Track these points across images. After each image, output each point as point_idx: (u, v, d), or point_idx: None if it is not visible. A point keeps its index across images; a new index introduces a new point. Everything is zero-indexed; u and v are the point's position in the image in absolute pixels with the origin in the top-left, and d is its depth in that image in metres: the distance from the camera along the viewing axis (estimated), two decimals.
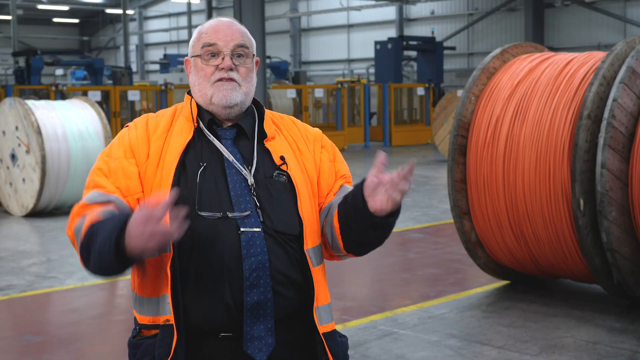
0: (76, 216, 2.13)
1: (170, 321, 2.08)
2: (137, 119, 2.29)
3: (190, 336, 2.12)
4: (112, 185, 2.15)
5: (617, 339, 5.06)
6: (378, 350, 4.94)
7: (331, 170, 2.32)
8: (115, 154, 2.20)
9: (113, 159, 2.19)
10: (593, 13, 28.24)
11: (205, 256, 2.10)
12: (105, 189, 2.15)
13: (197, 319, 2.11)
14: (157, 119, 2.27)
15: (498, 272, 6.39)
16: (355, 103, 23.60)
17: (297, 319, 2.19)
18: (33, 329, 5.65)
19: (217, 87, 2.19)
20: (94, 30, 49.14)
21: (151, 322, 2.15)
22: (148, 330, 2.17)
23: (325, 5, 36.58)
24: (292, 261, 2.16)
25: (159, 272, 2.12)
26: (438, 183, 13.74)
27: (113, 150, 2.22)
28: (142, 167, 2.18)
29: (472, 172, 6.07)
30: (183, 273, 2.10)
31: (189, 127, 2.21)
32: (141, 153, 2.19)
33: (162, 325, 2.10)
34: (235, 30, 2.23)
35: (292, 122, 2.36)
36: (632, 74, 5.33)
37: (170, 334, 2.08)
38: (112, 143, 2.25)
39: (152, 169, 2.17)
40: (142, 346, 2.15)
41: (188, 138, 2.19)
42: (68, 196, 10.68)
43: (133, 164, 2.18)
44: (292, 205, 2.18)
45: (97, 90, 18.10)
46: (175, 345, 2.07)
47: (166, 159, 2.16)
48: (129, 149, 2.20)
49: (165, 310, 2.09)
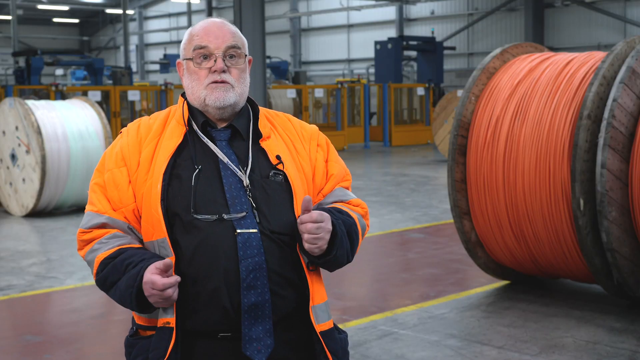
0: (82, 243, 2.23)
1: (170, 324, 2.08)
2: (130, 124, 2.31)
3: (186, 338, 2.13)
4: (104, 201, 2.20)
5: (617, 339, 5.06)
6: (378, 350, 4.94)
7: (324, 171, 2.32)
8: (107, 165, 2.24)
9: (106, 171, 2.23)
10: (593, 13, 28.24)
11: (202, 259, 2.10)
12: (95, 207, 2.21)
13: (195, 322, 2.11)
14: (150, 122, 2.28)
15: (498, 272, 6.39)
16: (355, 103, 23.60)
17: (295, 319, 2.19)
18: (33, 329, 5.65)
19: (210, 89, 2.19)
20: (94, 30, 49.14)
21: (147, 323, 2.17)
22: (144, 331, 2.19)
23: (325, 5, 36.58)
24: (289, 261, 2.16)
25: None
26: (438, 183, 13.74)
27: (106, 161, 2.25)
28: (133, 175, 2.20)
29: (472, 172, 6.07)
30: (181, 276, 2.10)
31: (181, 130, 2.22)
32: (132, 160, 2.21)
33: (158, 328, 2.11)
34: (226, 32, 2.23)
35: (287, 120, 2.35)
36: (632, 74, 5.33)
37: (167, 336, 2.08)
38: (105, 153, 2.28)
39: (143, 176, 2.18)
40: (137, 346, 2.17)
41: (178, 142, 2.20)
42: (68, 196, 10.69)
43: (124, 172, 2.20)
44: (288, 204, 2.18)
45: (97, 90, 18.10)
46: (172, 348, 2.08)
47: (156, 164, 2.18)
48: (120, 157, 2.22)
49: (167, 313, 2.09)
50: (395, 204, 11.36)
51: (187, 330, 2.12)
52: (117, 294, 2.12)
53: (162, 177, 2.14)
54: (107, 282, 2.14)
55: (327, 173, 2.32)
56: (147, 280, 2.04)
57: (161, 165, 2.16)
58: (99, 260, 2.15)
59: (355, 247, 2.25)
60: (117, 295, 2.12)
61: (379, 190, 12.84)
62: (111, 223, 2.18)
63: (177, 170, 2.17)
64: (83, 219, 2.24)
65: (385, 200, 11.71)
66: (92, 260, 2.17)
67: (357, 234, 2.26)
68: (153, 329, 2.14)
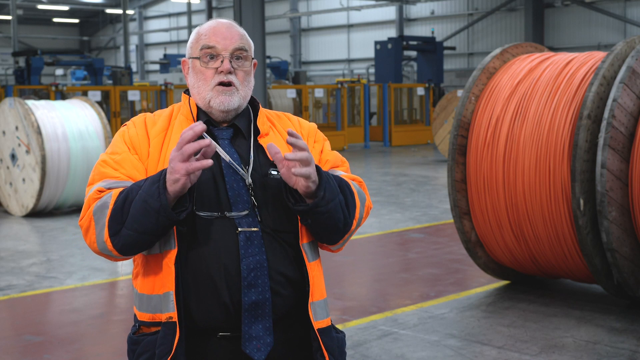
0: (93, 200, 2.13)
1: (173, 319, 2.08)
2: (135, 118, 2.30)
3: (190, 334, 2.13)
4: (123, 175, 2.16)
5: (617, 339, 5.06)
6: (378, 350, 4.94)
7: (319, 160, 2.33)
8: (119, 149, 2.21)
9: (118, 154, 2.20)
10: (593, 13, 28.24)
11: (203, 256, 2.11)
12: (116, 178, 2.16)
13: (197, 318, 2.12)
14: (155, 118, 2.29)
15: (498, 272, 6.39)
16: (355, 103, 23.60)
17: (294, 318, 2.20)
18: (33, 329, 5.65)
19: (216, 92, 2.20)
20: (94, 30, 49.15)
21: (150, 319, 2.16)
22: (147, 328, 2.18)
23: (325, 5, 36.58)
24: (290, 259, 2.17)
25: (160, 269, 2.13)
26: (438, 183, 13.74)
27: (116, 146, 2.22)
28: (145, 163, 2.19)
29: (472, 172, 6.07)
30: (183, 271, 2.11)
31: (189, 125, 2.22)
32: (142, 150, 2.21)
33: (163, 323, 2.10)
34: (235, 33, 2.24)
35: (287, 118, 2.38)
36: (632, 74, 5.33)
37: (172, 331, 2.08)
38: (112, 142, 2.25)
39: (153, 166, 2.18)
40: (142, 343, 2.16)
41: None
42: (68, 196, 10.69)
43: (137, 159, 2.20)
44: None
45: (97, 90, 18.10)
46: (177, 343, 2.07)
47: (167, 156, 2.17)
48: (131, 146, 2.21)
49: (169, 308, 2.09)
50: (395, 204, 11.36)
51: (190, 326, 2.12)
52: (140, 202, 2.02)
53: None
54: (126, 203, 2.04)
55: (321, 161, 2.33)
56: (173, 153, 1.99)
57: None
58: (116, 193, 2.08)
59: (352, 206, 2.20)
60: (139, 204, 2.02)
61: (379, 190, 12.84)
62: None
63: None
64: (98, 183, 2.16)
65: (385, 200, 11.71)
66: (107, 199, 2.08)
67: (351, 192, 2.22)
68: (157, 325, 2.14)
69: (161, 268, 2.12)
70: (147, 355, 2.13)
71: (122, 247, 2.07)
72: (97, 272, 7.28)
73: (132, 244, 2.07)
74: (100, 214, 2.09)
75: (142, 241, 2.07)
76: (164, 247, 2.11)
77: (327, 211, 2.10)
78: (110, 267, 7.62)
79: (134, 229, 2.04)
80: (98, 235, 2.09)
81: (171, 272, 2.09)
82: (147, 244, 2.09)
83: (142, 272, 2.18)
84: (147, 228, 2.04)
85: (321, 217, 2.11)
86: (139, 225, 2.03)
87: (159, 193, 2.00)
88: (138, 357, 2.16)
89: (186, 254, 2.11)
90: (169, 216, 2.02)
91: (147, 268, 2.16)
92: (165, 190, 2.00)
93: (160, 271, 2.12)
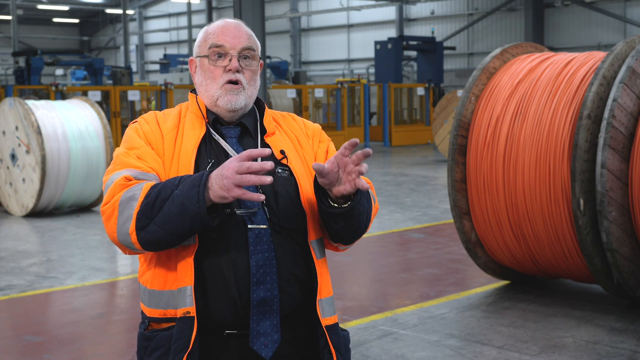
0: (120, 187, 2.11)
1: (190, 313, 2.08)
2: (145, 115, 2.31)
3: (199, 331, 2.13)
4: (146, 167, 2.15)
5: (617, 339, 5.06)
6: (378, 350, 4.94)
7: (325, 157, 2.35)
8: (137, 144, 2.21)
9: (137, 148, 2.19)
10: (593, 13, 28.24)
11: (213, 252, 2.12)
12: (141, 168, 2.14)
13: (207, 314, 2.13)
14: (164, 116, 2.30)
15: (498, 272, 6.39)
16: (355, 103, 23.61)
17: (301, 315, 2.21)
18: (33, 329, 5.65)
19: (224, 90, 2.22)
20: (94, 30, 49.15)
21: (162, 315, 2.15)
22: (158, 324, 2.18)
23: (325, 5, 36.58)
24: (298, 256, 2.19)
25: (173, 265, 2.13)
26: (438, 183, 13.75)
27: (133, 142, 2.21)
28: (161, 158, 2.20)
29: (472, 172, 6.07)
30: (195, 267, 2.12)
31: (200, 122, 2.24)
32: (158, 145, 2.21)
33: (179, 318, 2.10)
34: (243, 32, 2.26)
35: (292, 118, 2.40)
36: (632, 74, 5.33)
37: (189, 326, 2.08)
38: (127, 138, 2.24)
39: (168, 163, 2.19)
40: (156, 339, 2.15)
41: (202, 132, 2.22)
42: (68, 196, 10.69)
43: (155, 154, 2.20)
44: (295, 198, 2.20)
45: (97, 90, 18.10)
46: (194, 338, 2.08)
47: (182, 152, 2.18)
48: (147, 141, 2.21)
49: (186, 303, 2.09)
50: (395, 204, 11.36)
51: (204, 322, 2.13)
52: (176, 203, 2.00)
53: (194, 162, 2.15)
54: (158, 200, 2.02)
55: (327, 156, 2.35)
56: (230, 159, 1.98)
57: (190, 151, 2.17)
58: (147, 186, 2.06)
59: (370, 207, 2.24)
60: (176, 206, 2.00)
61: (379, 190, 12.84)
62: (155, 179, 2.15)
63: (198, 161, 2.18)
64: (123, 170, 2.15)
65: (385, 200, 11.71)
66: (138, 189, 2.06)
67: (369, 192, 2.26)
68: (167, 321, 2.14)
69: (175, 264, 2.12)
70: (161, 351, 2.13)
71: (146, 243, 2.06)
72: (97, 272, 7.28)
73: (158, 241, 2.05)
74: (126, 205, 2.07)
75: (168, 241, 2.06)
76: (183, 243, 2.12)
77: (359, 213, 2.14)
78: (110, 267, 7.63)
79: (164, 228, 2.03)
80: (121, 225, 2.07)
81: (190, 267, 2.09)
82: (171, 244, 2.08)
83: (152, 268, 2.18)
84: (179, 230, 2.03)
85: (354, 219, 2.14)
86: (171, 226, 2.02)
87: (198, 198, 1.99)
88: (151, 353, 2.15)
89: (197, 250, 2.12)
90: (205, 222, 2.01)
91: (159, 264, 2.16)
92: (204, 196, 2.00)
93: (173, 267, 2.13)
